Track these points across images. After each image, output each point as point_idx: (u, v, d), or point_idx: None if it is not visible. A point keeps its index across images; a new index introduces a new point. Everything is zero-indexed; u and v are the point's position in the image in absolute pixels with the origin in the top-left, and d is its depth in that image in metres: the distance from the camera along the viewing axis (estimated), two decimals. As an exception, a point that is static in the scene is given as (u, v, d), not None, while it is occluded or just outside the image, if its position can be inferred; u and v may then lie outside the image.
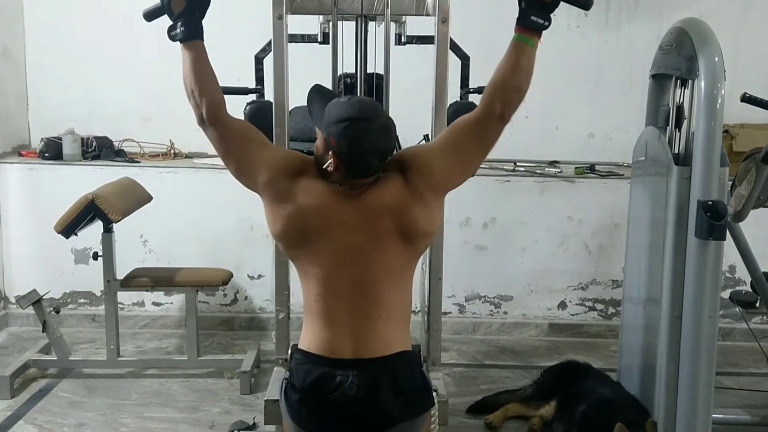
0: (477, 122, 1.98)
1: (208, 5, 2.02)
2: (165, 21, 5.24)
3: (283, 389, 2.06)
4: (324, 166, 1.94)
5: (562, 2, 1.93)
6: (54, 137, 4.51)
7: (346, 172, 1.92)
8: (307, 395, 1.96)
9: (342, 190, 1.95)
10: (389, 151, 1.96)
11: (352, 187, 1.95)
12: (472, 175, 2.08)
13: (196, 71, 2.00)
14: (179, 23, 1.98)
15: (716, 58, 2.70)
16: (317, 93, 2.09)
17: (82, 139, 4.54)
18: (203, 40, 2.01)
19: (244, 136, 2.04)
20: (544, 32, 1.93)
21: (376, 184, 1.97)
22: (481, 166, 3.86)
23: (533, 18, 1.90)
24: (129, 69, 4.63)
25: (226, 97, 3.10)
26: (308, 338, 2.01)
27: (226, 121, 2.03)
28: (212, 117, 2.01)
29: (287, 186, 1.96)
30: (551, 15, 1.92)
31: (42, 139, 4.54)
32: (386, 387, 1.94)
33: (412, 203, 1.94)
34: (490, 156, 4.57)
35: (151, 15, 2.03)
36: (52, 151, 4.48)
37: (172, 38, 2.00)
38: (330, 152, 1.91)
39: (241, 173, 2.03)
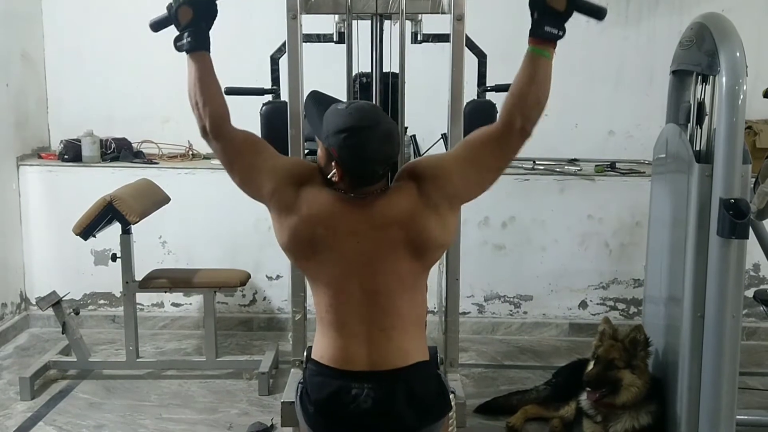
0: (497, 136, 1.92)
1: (215, 15, 1.97)
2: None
3: (298, 394, 2.04)
4: (328, 177, 1.91)
5: (575, 11, 1.86)
6: (73, 139, 4.54)
7: (351, 181, 1.88)
8: (323, 409, 1.93)
9: (349, 198, 1.90)
10: (393, 157, 1.91)
11: (360, 196, 1.90)
12: (488, 188, 2.00)
13: (201, 83, 1.94)
14: (186, 33, 1.93)
15: (738, 54, 2.65)
16: (314, 101, 2.02)
17: (101, 140, 4.57)
18: (209, 51, 1.96)
19: (248, 148, 2.00)
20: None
21: (386, 193, 1.92)
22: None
23: (547, 28, 1.84)
24: (147, 71, 4.64)
25: (241, 98, 3.11)
26: (321, 348, 1.97)
27: (229, 132, 1.98)
28: (216, 130, 1.97)
29: (292, 196, 1.92)
30: (565, 24, 1.86)
31: (61, 141, 4.57)
32: (402, 399, 1.90)
33: (425, 213, 1.88)
34: (509, 154, 4.51)
35: (158, 25, 2.00)
36: (72, 152, 4.51)
37: (178, 48, 1.95)
38: (333, 163, 1.87)
39: (245, 184, 1.99)
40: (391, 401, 1.90)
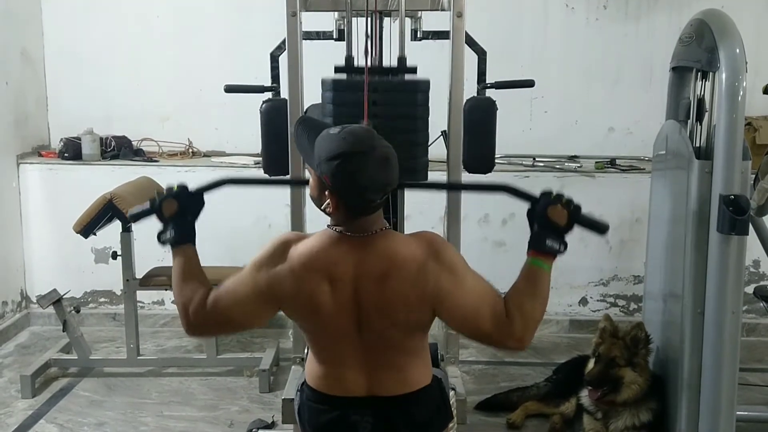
0: (492, 328, 1.86)
1: (202, 207, 1.93)
2: (182, 21, 5.23)
3: (297, 404, 1.98)
4: (322, 209, 1.80)
5: (576, 226, 1.87)
6: (73, 137, 4.54)
7: (347, 212, 1.75)
8: None
9: (346, 238, 1.77)
10: (392, 184, 1.75)
11: (358, 235, 1.77)
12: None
13: (184, 278, 1.88)
14: (170, 226, 1.89)
15: (737, 50, 2.65)
16: (305, 126, 1.90)
17: (101, 138, 4.58)
18: (195, 243, 1.91)
19: (229, 309, 1.83)
20: (562, 30, 1.85)
21: (389, 236, 1.80)
22: (499, 161, 3.82)
23: (549, 243, 1.83)
24: (147, 69, 4.65)
25: (241, 96, 3.11)
26: (317, 376, 1.88)
27: (209, 316, 1.84)
28: (198, 322, 1.85)
29: (288, 278, 1.76)
30: (566, 239, 1.85)
31: (61, 139, 4.58)
32: (402, 425, 1.85)
33: (415, 280, 1.74)
34: (509, 151, 4.54)
35: (137, 216, 1.93)
36: (72, 151, 4.51)
37: (162, 242, 1.89)
38: (326, 192, 1.74)
39: (250, 327, 1.90)
40: (391, 428, 1.84)
